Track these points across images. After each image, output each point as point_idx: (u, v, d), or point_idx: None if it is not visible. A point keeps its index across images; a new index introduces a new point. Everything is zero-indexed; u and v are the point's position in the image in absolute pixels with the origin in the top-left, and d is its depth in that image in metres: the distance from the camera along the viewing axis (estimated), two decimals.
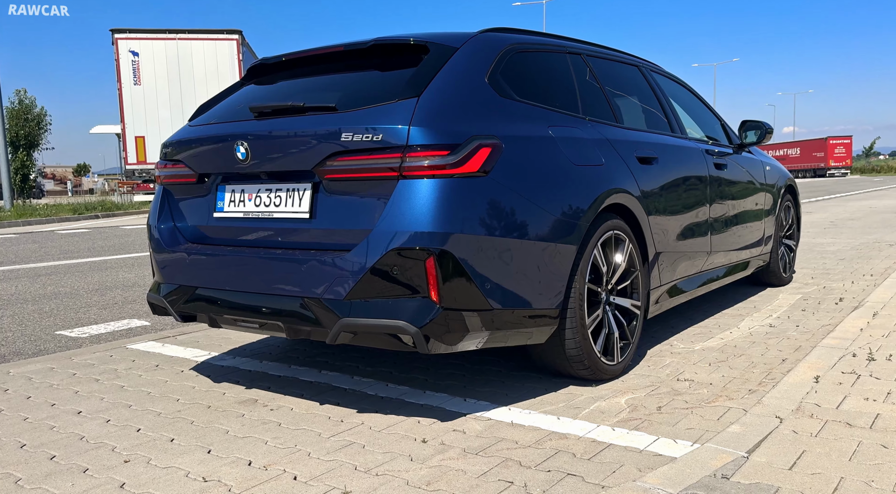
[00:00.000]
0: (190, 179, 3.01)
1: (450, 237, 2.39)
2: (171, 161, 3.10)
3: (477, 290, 2.47)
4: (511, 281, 2.58)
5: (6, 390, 3.20)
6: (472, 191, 2.47)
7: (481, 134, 2.54)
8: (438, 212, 2.38)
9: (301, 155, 2.62)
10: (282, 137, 2.66)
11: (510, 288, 2.58)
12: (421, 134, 2.42)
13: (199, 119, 3.14)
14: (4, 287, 6.52)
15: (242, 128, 2.79)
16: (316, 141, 2.57)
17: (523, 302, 2.63)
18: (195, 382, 3.26)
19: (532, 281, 2.64)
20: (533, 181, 2.68)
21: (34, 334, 4.54)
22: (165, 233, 3.10)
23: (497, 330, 2.58)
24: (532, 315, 2.68)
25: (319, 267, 2.52)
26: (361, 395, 2.97)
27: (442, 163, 2.42)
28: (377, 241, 2.41)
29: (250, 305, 2.74)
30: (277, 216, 2.74)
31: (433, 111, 2.50)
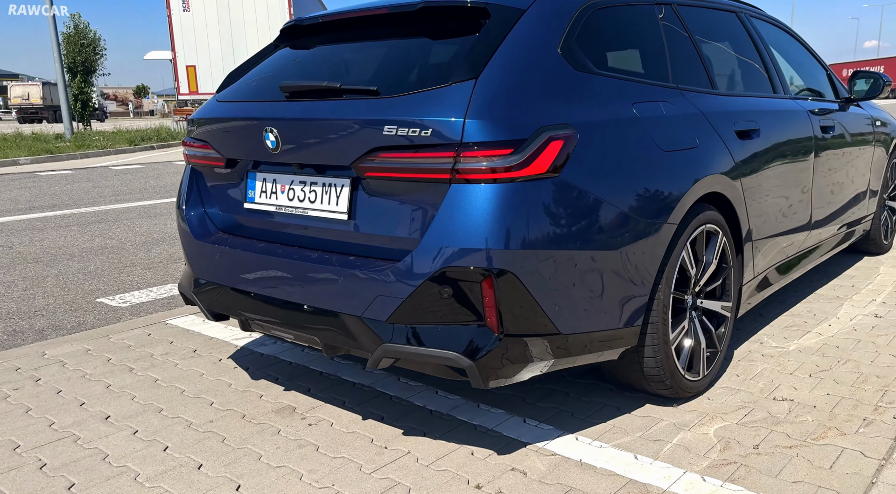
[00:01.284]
0: (218, 163, 2.66)
1: (511, 254, 1.99)
2: (197, 140, 2.74)
3: (543, 314, 2.08)
4: (584, 301, 2.17)
5: (38, 380, 3.03)
6: (540, 196, 2.04)
7: (552, 123, 2.08)
8: (498, 224, 1.97)
9: (337, 147, 2.22)
10: (315, 125, 2.26)
11: (583, 308, 2.18)
12: (478, 128, 1.99)
13: (227, 92, 2.75)
14: (54, 237, 6.45)
15: (272, 111, 2.39)
16: (354, 132, 2.16)
17: (597, 322, 2.23)
18: (232, 377, 3.02)
19: (609, 297, 2.23)
20: (613, 178, 2.22)
21: (75, 301, 4.39)
22: (195, 221, 2.78)
23: (564, 356, 2.20)
24: (606, 337, 2.28)
25: (359, 279, 2.16)
26: (408, 407, 2.66)
27: (504, 164, 1.98)
28: (424, 256, 2.03)
29: (284, 314, 2.43)
30: (312, 214, 2.38)
31: (494, 97, 2.04)
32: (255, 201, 2.57)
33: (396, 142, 2.06)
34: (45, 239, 6.36)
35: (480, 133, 1.98)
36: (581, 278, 2.14)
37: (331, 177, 2.33)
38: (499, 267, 1.98)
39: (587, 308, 2.18)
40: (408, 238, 2.13)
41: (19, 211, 8.06)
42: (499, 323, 2.01)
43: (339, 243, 2.33)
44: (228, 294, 2.62)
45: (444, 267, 2.00)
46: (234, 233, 2.70)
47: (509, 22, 2.24)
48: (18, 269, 5.22)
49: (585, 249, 2.13)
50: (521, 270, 2.01)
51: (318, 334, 2.34)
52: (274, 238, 2.55)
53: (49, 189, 10.12)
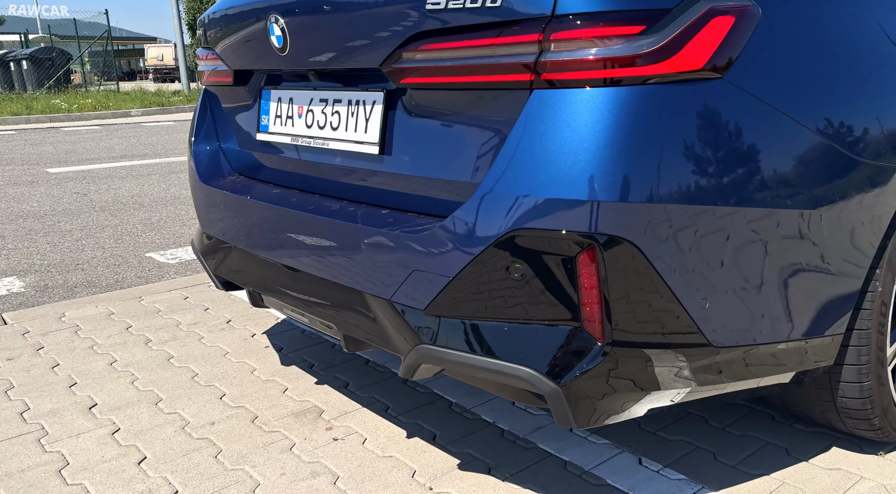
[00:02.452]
0: (226, 79, 1.97)
1: (632, 212, 1.16)
2: (207, 51, 2.06)
3: (682, 312, 1.24)
4: (751, 293, 1.31)
5: (40, 349, 2.52)
6: (688, 111, 1.18)
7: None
8: (611, 159, 1.15)
9: (362, 40, 1.45)
10: (329, 8, 1.50)
11: (749, 305, 1.32)
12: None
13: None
14: (131, 186, 6.14)
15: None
16: (383, 13, 1.38)
17: (772, 329, 1.36)
18: (259, 360, 2.38)
19: (795, 289, 1.35)
20: (815, 89, 1.32)
21: (123, 255, 3.94)
22: (205, 159, 2.12)
23: (711, 382, 1.36)
24: (784, 352, 1.41)
25: (390, 243, 1.41)
26: (472, 423, 1.91)
27: (628, 51, 1.14)
28: (483, 211, 1.24)
29: (297, 288, 1.73)
30: (335, 147, 1.64)
31: None
32: (269, 130, 1.86)
33: (445, 21, 1.27)
34: (121, 187, 6.07)
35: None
36: (749, 256, 1.28)
37: (359, 91, 1.57)
38: (610, 232, 1.16)
39: (756, 305, 1.32)
40: (460, 182, 1.34)
41: (110, 159, 7.91)
42: (605, 324, 1.20)
43: (368, 189, 1.59)
44: (236, 256, 1.95)
45: (514, 230, 1.21)
46: (248, 176, 2.02)
47: None
48: (82, 218, 4.89)
49: (760, 208, 1.26)
50: (647, 239, 1.18)
51: (336, 320, 1.62)
52: (289, 181, 1.84)
53: (147, 139, 10.05)
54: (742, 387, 1.46)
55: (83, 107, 14.69)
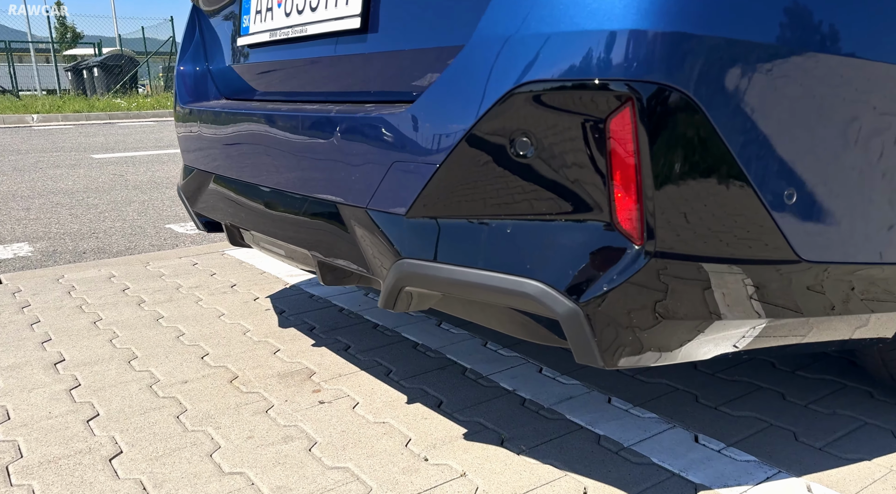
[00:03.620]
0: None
1: (690, 50, 0.80)
2: None
3: (759, 208, 0.88)
4: (866, 185, 0.93)
5: (25, 307, 2.29)
6: None
7: None
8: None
9: None
10: None
11: (861, 203, 0.94)
12: None
13: None
14: (170, 169, 6.02)
15: None
16: None
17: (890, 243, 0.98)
18: (255, 322, 2.09)
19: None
20: None
21: (142, 226, 3.74)
22: (190, 82, 1.86)
23: (789, 316, 0.98)
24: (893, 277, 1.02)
25: (362, 134, 1.09)
26: (489, 391, 1.57)
27: None
28: (477, 67, 0.90)
29: (271, 213, 1.42)
30: (314, 31, 1.33)
31: None
32: (250, 31, 1.57)
33: None
34: (159, 170, 5.95)
35: None
36: (864, 127, 0.91)
37: None
38: (656, 79, 0.81)
39: (871, 204, 0.94)
40: (454, 47, 1.01)
41: (157, 147, 7.88)
42: (646, 219, 0.84)
43: (349, 80, 1.27)
44: (214, 189, 1.66)
45: (518, 86, 0.87)
46: (233, 97, 1.74)
47: None
48: (112, 194, 4.75)
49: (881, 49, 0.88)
50: (710, 91, 0.82)
51: (310, 245, 1.30)
52: (267, 89, 1.56)
53: None
54: (831, 337, 1.07)
55: (143, 106, 14.98)
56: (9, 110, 13.43)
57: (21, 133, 10.40)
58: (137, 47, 28.21)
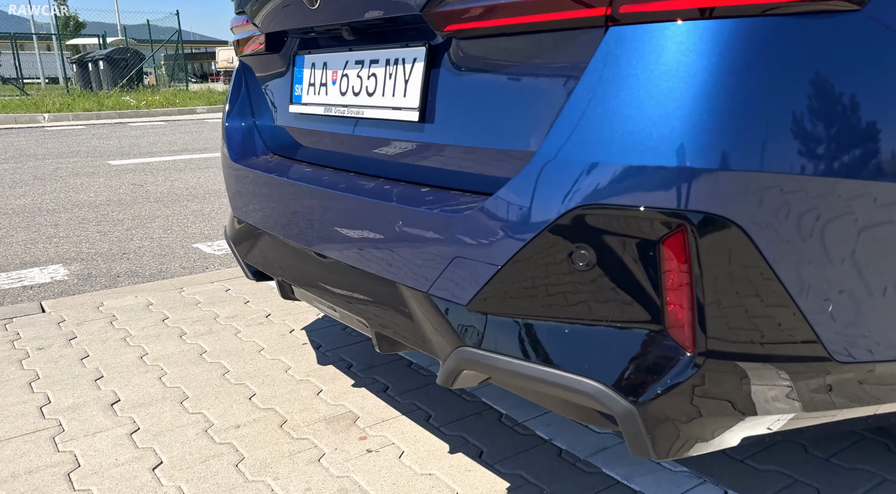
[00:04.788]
0: (259, 46, 1.78)
1: (737, 185, 0.90)
2: (241, 15, 1.88)
3: (798, 317, 0.97)
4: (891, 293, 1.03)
5: (72, 339, 2.40)
6: (813, 54, 0.91)
7: None
8: (710, 114, 0.89)
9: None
10: None
11: (886, 309, 1.03)
12: None
13: None
14: (188, 178, 6.12)
15: None
16: None
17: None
18: (294, 358, 2.19)
19: None
20: None
21: (170, 246, 3.84)
22: (237, 136, 1.95)
23: (821, 407, 1.07)
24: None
25: (427, 225, 1.18)
26: (526, 440, 1.67)
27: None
28: (544, 183, 1.00)
29: (327, 278, 1.52)
30: (370, 115, 1.42)
31: None
32: (302, 100, 1.66)
33: None
34: (178, 179, 6.05)
35: None
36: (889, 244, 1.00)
37: (397, 47, 1.35)
38: (706, 209, 0.90)
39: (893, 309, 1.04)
40: (514, 150, 1.11)
41: (171, 152, 7.97)
42: (698, 329, 0.94)
43: (407, 165, 1.36)
44: (266, 242, 1.76)
45: (580, 207, 0.96)
46: (281, 154, 1.83)
47: None
48: (135, 208, 4.85)
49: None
50: (755, 219, 0.92)
51: (368, 316, 1.40)
52: (321, 158, 1.64)
53: (209, 134, 10.14)
54: (857, 415, 1.17)
55: (151, 104, 15.05)
56: (20, 109, 13.53)
57: (34, 134, 10.50)
58: (140, 35, 28.22)
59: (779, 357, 0.98)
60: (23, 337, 2.42)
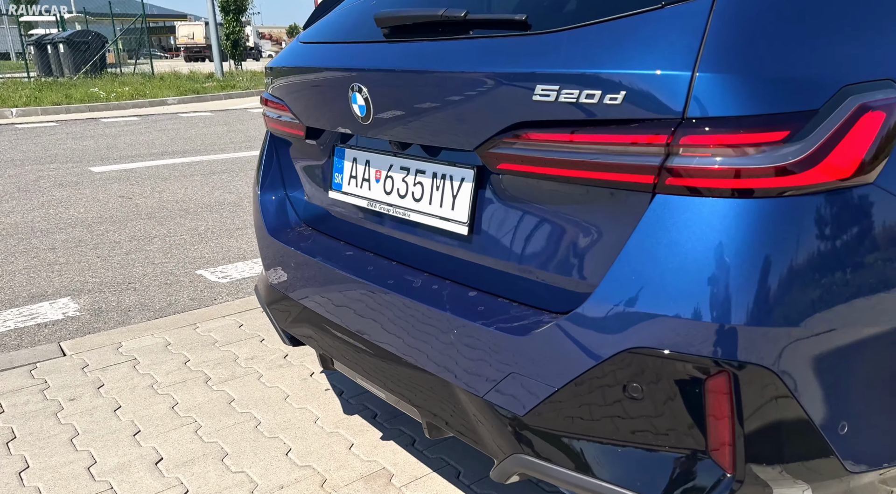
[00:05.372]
0: (297, 132, 1.89)
1: (770, 337, 1.07)
2: (274, 98, 1.98)
3: (822, 443, 1.15)
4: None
5: (100, 387, 2.50)
6: (833, 225, 1.08)
7: (860, 78, 1.09)
8: (745, 278, 1.05)
9: (454, 121, 1.36)
10: (422, 81, 1.41)
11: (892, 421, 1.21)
12: (720, 91, 1.04)
13: (314, 30, 1.95)
14: (175, 189, 6.14)
15: (360, 58, 1.56)
16: (483, 94, 1.29)
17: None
18: (320, 407, 2.33)
19: None
20: None
21: (174, 273, 3.92)
22: (272, 208, 2.06)
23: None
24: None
25: (484, 338, 1.32)
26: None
27: (769, 162, 1.04)
28: (599, 323, 1.15)
29: (374, 363, 1.65)
30: (417, 219, 1.56)
31: (748, 27, 1.08)
32: (343, 189, 1.78)
33: (556, 113, 1.17)
34: (165, 190, 6.07)
35: (724, 100, 1.04)
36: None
37: (445, 165, 1.48)
38: (744, 358, 1.07)
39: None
40: (564, 278, 1.26)
41: (151, 156, 7.94)
42: (738, 456, 1.11)
43: (454, 266, 1.50)
44: (307, 316, 1.88)
45: (632, 349, 1.12)
46: (319, 230, 1.95)
47: None
48: (129, 226, 4.89)
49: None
50: (787, 366, 1.08)
51: (419, 405, 1.55)
52: (365, 244, 1.77)
53: (185, 132, 10.08)
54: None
55: (121, 95, 14.80)
56: None
57: (6, 134, 10.31)
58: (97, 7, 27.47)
59: (802, 471, 1.16)
60: (51, 386, 2.52)
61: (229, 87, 17.50)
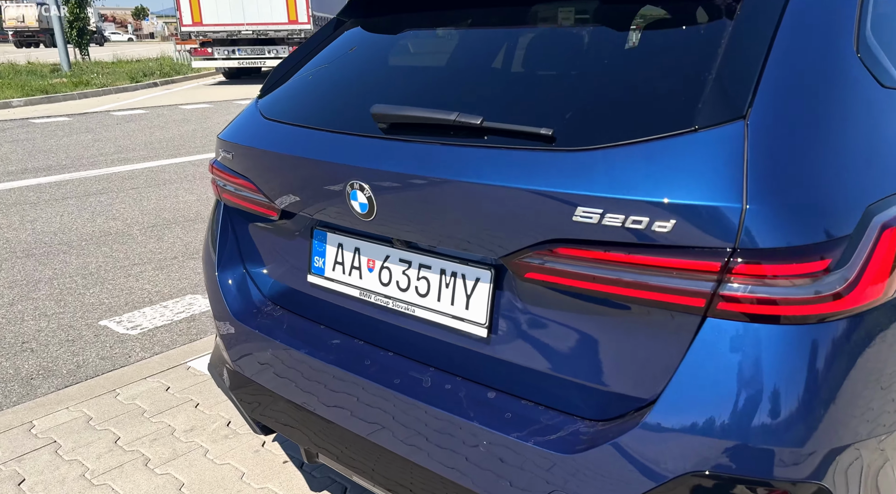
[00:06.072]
0: (267, 212, 1.76)
1: (826, 457, 1.13)
2: (234, 173, 1.83)
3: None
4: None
5: (21, 483, 2.22)
6: (873, 342, 1.16)
7: (878, 196, 1.17)
8: (800, 402, 1.10)
9: (476, 230, 1.32)
10: (437, 190, 1.35)
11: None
12: (769, 224, 1.08)
13: (277, 104, 1.81)
14: (49, 216, 5.55)
15: (359, 155, 1.47)
16: (511, 209, 1.25)
17: None
18: (283, 485, 2.20)
19: None
20: None
21: (73, 325, 3.55)
22: (233, 289, 1.91)
23: None
24: None
25: (517, 453, 1.30)
26: None
27: (817, 292, 1.09)
28: (653, 445, 1.17)
29: (372, 462, 1.58)
30: (422, 314, 1.50)
31: (784, 157, 1.13)
32: (326, 275, 1.68)
33: (597, 234, 1.17)
34: (38, 218, 5.48)
35: (772, 232, 1.08)
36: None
37: (455, 263, 1.43)
38: (801, 477, 1.12)
39: None
40: (605, 388, 1.26)
41: (10, 175, 7.13)
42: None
43: (470, 365, 1.46)
44: (286, 407, 1.77)
45: (693, 472, 1.14)
46: (295, 312, 1.83)
47: (773, 12, 1.27)
48: (6, 268, 4.37)
49: None
50: (840, 480, 1.16)
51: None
52: (356, 332, 1.68)
53: (44, 143, 9.13)
54: None
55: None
56: None
57: None
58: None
59: None
60: None
61: (83, 85, 16.05)
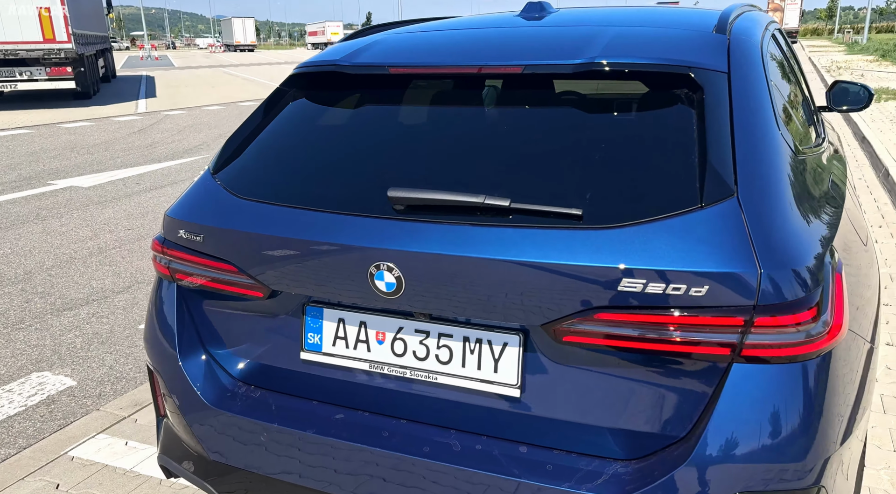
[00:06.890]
0: (252, 293, 1.68)
1: (832, 464, 1.42)
2: (204, 255, 1.72)
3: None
4: None
5: None
6: (843, 367, 1.46)
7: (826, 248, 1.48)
8: (817, 420, 1.38)
9: (512, 304, 1.42)
10: (468, 268, 1.42)
11: None
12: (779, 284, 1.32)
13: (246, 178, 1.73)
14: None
15: (380, 236, 1.48)
16: (550, 283, 1.38)
17: None
18: None
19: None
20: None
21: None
22: (199, 372, 1.79)
23: None
24: None
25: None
26: None
27: (813, 333, 1.36)
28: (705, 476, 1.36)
29: None
30: (446, 381, 1.55)
31: (776, 222, 1.39)
32: (325, 351, 1.66)
33: (638, 300, 1.34)
34: None
35: (781, 290, 1.33)
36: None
37: (480, 330, 1.52)
38: (814, 482, 1.38)
39: None
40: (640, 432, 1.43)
41: None
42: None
43: (499, 425, 1.54)
44: (277, 488, 1.72)
45: (742, 492, 1.36)
46: (276, 390, 1.76)
47: (721, 91, 1.56)
48: None
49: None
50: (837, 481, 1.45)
51: None
52: (361, 405, 1.66)
53: None
54: None
55: None
56: None
57: None
58: None
59: None
60: None
61: None
